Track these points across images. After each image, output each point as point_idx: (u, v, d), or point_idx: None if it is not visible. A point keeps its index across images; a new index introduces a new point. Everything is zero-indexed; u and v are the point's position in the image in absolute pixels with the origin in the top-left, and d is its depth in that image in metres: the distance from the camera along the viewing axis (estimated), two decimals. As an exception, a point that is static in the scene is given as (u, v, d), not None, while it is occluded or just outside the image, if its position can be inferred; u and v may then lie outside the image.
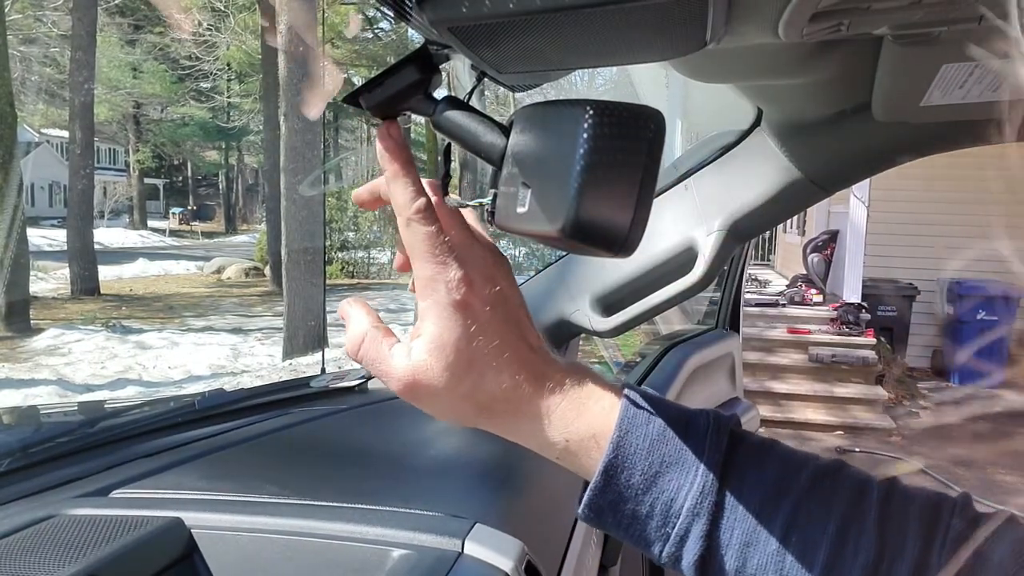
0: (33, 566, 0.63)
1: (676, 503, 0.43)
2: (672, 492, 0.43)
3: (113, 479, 0.83)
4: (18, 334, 8.77)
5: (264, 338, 8.79)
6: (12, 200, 8.83)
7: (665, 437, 0.44)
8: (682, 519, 0.43)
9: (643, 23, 0.36)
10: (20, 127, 11.78)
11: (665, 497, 0.43)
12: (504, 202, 0.42)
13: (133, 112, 26.64)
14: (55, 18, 17.55)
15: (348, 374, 1.32)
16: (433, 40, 0.42)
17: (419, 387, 0.42)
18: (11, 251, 9.08)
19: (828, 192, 0.99)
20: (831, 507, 0.43)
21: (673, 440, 0.44)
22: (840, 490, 0.44)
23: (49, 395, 5.90)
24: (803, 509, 0.43)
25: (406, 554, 0.68)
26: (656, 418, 0.44)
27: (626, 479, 0.43)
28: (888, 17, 0.43)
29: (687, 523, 0.43)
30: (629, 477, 0.43)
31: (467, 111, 0.42)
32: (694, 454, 0.44)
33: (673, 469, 0.43)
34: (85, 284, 12.22)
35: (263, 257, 15.11)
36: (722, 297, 1.84)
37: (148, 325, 9.51)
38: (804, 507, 0.43)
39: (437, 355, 0.41)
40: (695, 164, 1.09)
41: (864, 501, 0.43)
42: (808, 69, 0.68)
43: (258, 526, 0.73)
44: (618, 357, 5.37)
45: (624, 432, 0.43)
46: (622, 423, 0.43)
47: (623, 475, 0.43)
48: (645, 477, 0.43)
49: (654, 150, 0.37)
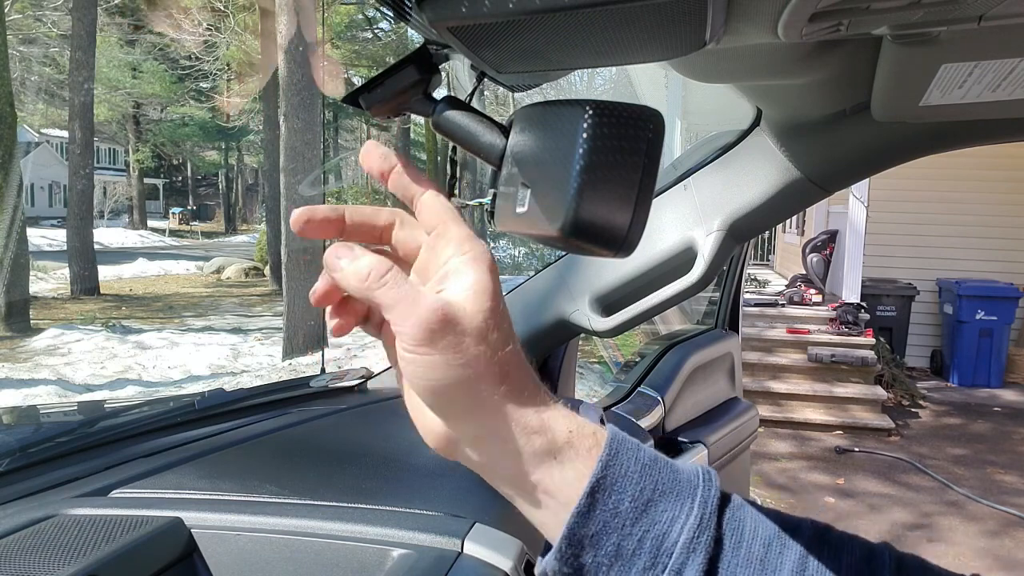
0: (33, 566, 0.63)
1: (669, 537, 0.38)
2: (665, 524, 0.38)
3: (113, 479, 0.83)
4: (18, 334, 8.76)
5: (264, 338, 8.78)
6: (12, 200, 8.82)
7: (657, 464, 0.40)
8: (675, 557, 0.37)
9: (642, 23, 0.36)
10: (20, 127, 11.77)
11: (657, 530, 0.38)
12: (504, 202, 0.42)
13: (133, 112, 26.62)
14: (55, 18, 17.54)
15: (348, 374, 1.32)
16: (433, 40, 0.42)
17: (448, 324, 0.36)
18: (11, 251, 9.08)
19: (827, 192, 1.00)
20: (840, 562, 0.40)
21: (666, 467, 0.40)
22: (846, 547, 0.42)
23: (49, 395, 5.89)
24: (812, 560, 0.39)
25: (406, 554, 0.68)
26: (646, 447, 0.41)
27: (614, 504, 0.38)
28: (887, 17, 0.43)
29: (681, 561, 0.37)
30: (618, 502, 0.38)
31: (467, 111, 0.42)
32: (689, 484, 0.40)
33: (667, 498, 0.39)
34: (85, 284, 12.21)
35: (263, 257, 15.10)
36: (721, 297, 1.83)
37: (148, 325, 9.51)
38: (813, 558, 0.40)
39: (474, 298, 0.37)
40: (694, 164, 1.09)
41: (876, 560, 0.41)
42: (807, 69, 0.68)
43: (258, 526, 0.73)
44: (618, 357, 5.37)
45: (614, 452, 0.39)
46: (612, 443, 0.39)
47: (611, 499, 0.38)
48: (635, 504, 0.38)
49: (653, 150, 0.37)
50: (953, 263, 6.67)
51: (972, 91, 0.63)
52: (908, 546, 3.43)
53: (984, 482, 4.21)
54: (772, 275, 9.30)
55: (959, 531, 3.60)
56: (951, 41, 0.52)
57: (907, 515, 3.78)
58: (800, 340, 5.70)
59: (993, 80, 0.60)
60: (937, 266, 6.72)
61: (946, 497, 4.01)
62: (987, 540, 3.51)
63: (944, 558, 3.33)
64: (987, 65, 0.57)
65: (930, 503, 3.94)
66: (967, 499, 3.97)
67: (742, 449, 1.65)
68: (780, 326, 5.94)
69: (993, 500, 3.93)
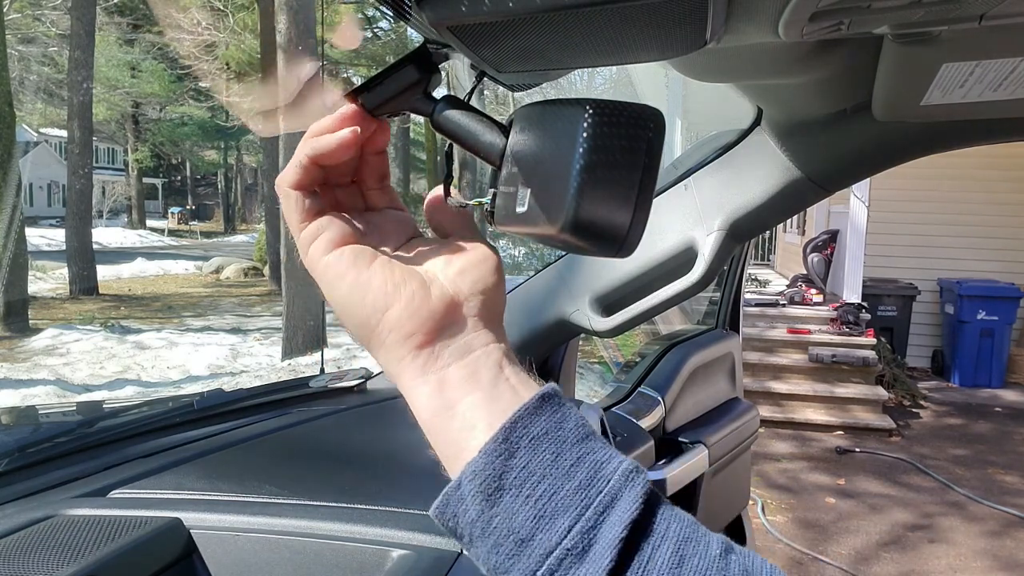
0: (31, 567, 0.63)
1: (609, 465, 0.36)
2: (603, 454, 0.36)
3: (112, 479, 0.83)
4: (16, 334, 8.76)
5: (263, 338, 8.78)
6: (11, 200, 8.82)
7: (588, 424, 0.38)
8: (612, 483, 0.35)
9: (643, 22, 0.36)
10: (19, 126, 11.78)
11: (595, 457, 0.36)
12: (503, 202, 0.41)
13: (132, 111, 26.62)
14: (54, 17, 17.54)
15: (347, 374, 1.32)
16: (432, 39, 0.42)
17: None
18: (9, 251, 9.08)
19: (828, 192, 0.99)
20: None
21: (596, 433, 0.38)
22: None
23: (47, 395, 5.89)
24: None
25: (405, 554, 0.68)
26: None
27: (560, 419, 0.36)
28: (888, 16, 0.43)
29: (618, 487, 0.35)
30: (563, 419, 0.37)
31: (466, 110, 0.42)
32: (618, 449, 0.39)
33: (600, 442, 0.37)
34: (83, 284, 12.21)
35: (262, 257, 15.10)
36: (722, 297, 1.83)
37: (147, 325, 9.50)
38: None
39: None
40: (695, 164, 1.09)
41: None
42: (808, 68, 0.68)
43: (257, 526, 0.73)
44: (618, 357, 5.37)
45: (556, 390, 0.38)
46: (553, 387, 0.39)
47: (558, 413, 0.37)
48: (578, 429, 0.37)
49: (654, 149, 0.37)
50: (954, 263, 6.67)
51: (973, 91, 0.63)
52: (909, 547, 3.44)
53: (985, 482, 4.21)
54: (773, 275, 9.30)
55: (960, 532, 3.60)
56: (952, 40, 0.52)
57: (908, 515, 3.78)
58: (801, 340, 5.70)
59: (994, 80, 0.60)
60: (938, 266, 6.72)
61: (947, 498, 4.01)
62: (988, 541, 3.51)
63: (945, 559, 3.34)
64: (988, 64, 0.57)
65: (931, 503, 3.94)
66: (968, 500, 3.97)
67: (743, 450, 1.65)
68: (781, 326, 5.94)
69: (994, 501, 3.93)
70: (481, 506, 0.35)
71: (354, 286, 0.39)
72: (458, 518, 0.37)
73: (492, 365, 0.39)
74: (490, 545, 0.35)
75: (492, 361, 0.39)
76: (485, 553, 0.36)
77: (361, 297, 0.39)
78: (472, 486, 0.36)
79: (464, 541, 0.37)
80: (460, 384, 0.38)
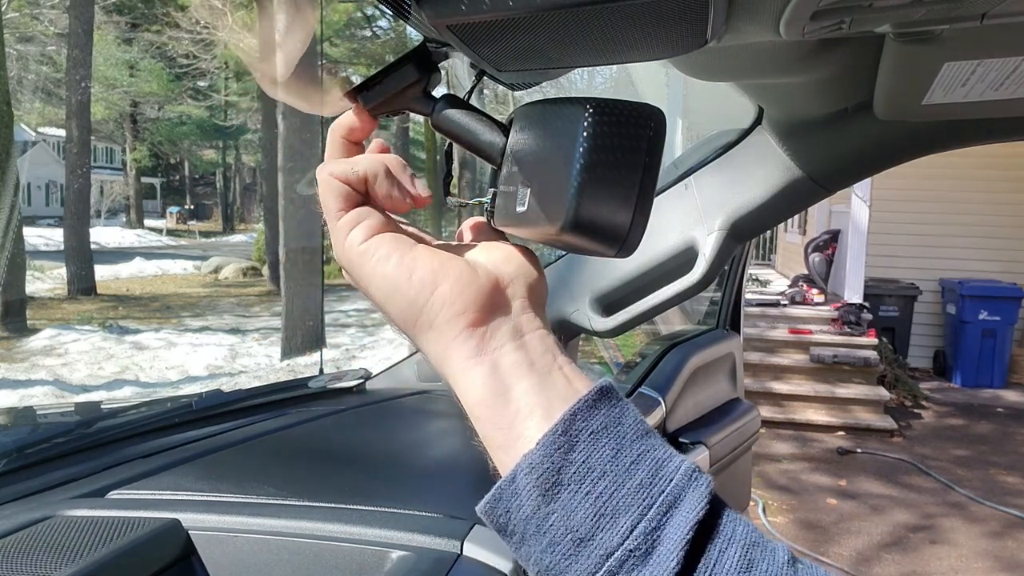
0: (30, 568, 0.63)
1: (671, 463, 0.34)
2: (663, 452, 0.35)
3: (110, 480, 0.83)
4: (14, 334, 8.75)
5: (262, 338, 8.78)
6: (9, 199, 8.81)
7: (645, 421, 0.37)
8: (675, 482, 0.34)
9: (643, 21, 0.36)
10: (17, 126, 11.78)
11: (656, 455, 0.34)
12: (503, 201, 0.41)
13: (130, 111, 26.61)
14: (52, 16, 17.53)
15: (346, 375, 1.32)
16: (432, 38, 0.41)
17: None
18: (7, 251, 9.06)
19: (829, 191, 0.99)
20: None
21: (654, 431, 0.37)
22: None
23: (45, 395, 5.89)
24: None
25: (404, 555, 0.68)
26: None
27: (619, 414, 0.35)
28: (890, 15, 0.43)
29: (681, 487, 0.34)
30: (621, 415, 0.35)
31: (466, 110, 0.42)
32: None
33: (659, 439, 0.36)
34: (82, 284, 12.20)
35: (261, 257, 15.09)
36: (723, 297, 1.83)
37: (145, 325, 9.50)
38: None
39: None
40: (695, 163, 1.09)
41: None
42: (809, 67, 0.68)
43: (256, 527, 0.73)
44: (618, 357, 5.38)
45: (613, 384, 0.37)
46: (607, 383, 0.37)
47: (616, 408, 0.35)
48: (636, 426, 0.35)
49: (654, 149, 0.37)
50: (956, 263, 6.66)
51: (975, 90, 0.63)
52: (910, 548, 3.44)
53: (987, 483, 4.21)
54: (774, 275, 9.29)
55: (961, 532, 3.60)
56: (954, 39, 0.52)
57: (909, 516, 3.78)
58: (802, 340, 5.69)
59: (996, 79, 0.60)
60: (940, 266, 6.71)
61: (948, 498, 4.01)
62: (989, 541, 3.51)
63: (946, 560, 3.33)
64: (990, 63, 0.56)
65: (932, 504, 3.93)
66: (969, 500, 3.97)
67: (744, 450, 1.65)
68: (782, 326, 5.94)
69: (996, 501, 3.93)
70: (537, 502, 0.34)
71: (399, 265, 0.37)
72: (511, 514, 0.35)
73: (545, 351, 0.38)
74: (545, 544, 0.34)
75: (545, 347, 0.38)
76: (538, 553, 0.34)
77: (408, 276, 0.37)
78: (528, 480, 0.34)
79: (515, 539, 0.35)
80: (514, 368, 0.37)
